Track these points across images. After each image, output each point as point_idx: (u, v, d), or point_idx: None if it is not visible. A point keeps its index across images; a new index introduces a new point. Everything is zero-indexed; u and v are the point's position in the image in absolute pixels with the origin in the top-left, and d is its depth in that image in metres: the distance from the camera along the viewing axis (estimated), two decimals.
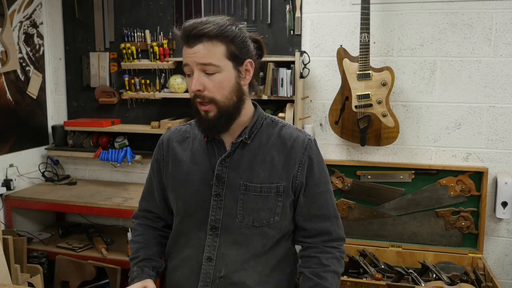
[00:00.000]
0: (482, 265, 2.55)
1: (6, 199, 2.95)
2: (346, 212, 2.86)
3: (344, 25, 2.81)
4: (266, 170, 1.22)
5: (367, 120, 2.64)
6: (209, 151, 1.25)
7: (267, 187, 1.21)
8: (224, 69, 1.17)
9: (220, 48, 1.15)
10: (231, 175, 1.22)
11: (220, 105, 1.17)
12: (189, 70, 1.18)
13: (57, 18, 3.32)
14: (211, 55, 1.14)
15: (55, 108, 3.42)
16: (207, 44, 1.14)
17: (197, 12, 3.01)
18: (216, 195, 1.22)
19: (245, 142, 1.24)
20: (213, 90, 1.16)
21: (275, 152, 1.23)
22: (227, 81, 1.17)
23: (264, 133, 1.26)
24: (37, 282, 2.50)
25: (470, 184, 2.69)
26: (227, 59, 1.17)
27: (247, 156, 1.23)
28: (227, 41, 1.16)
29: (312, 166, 1.24)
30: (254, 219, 1.21)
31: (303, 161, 1.23)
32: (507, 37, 2.61)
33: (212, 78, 1.16)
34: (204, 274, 1.23)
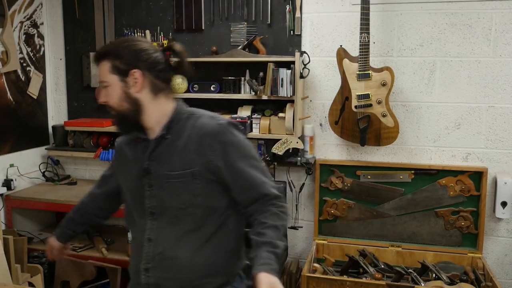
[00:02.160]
0: (482, 265, 2.56)
1: (6, 199, 2.95)
2: (346, 212, 2.87)
3: (344, 25, 2.81)
4: (182, 158, 1.38)
5: (367, 120, 2.64)
6: (141, 149, 1.45)
7: (183, 173, 1.37)
8: (110, 83, 1.39)
9: (106, 65, 1.38)
10: (157, 168, 1.40)
11: (116, 110, 1.41)
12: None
13: (57, 18, 3.32)
14: (102, 73, 1.40)
15: (56, 108, 3.42)
16: (102, 64, 1.39)
17: (197, 12, 3.02)
18: (148, 186, 1.42)
19: (164, 137, 1.41)
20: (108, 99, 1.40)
21: (190, 141, 1.38)
22: (113, 91, 1.39)
23: (182, 127, 1.42)
24: (37, 282, 2.51)
25: (469, 184, 2.69)
26: (111, 73, 1.38)
27: (167, 149, 1.41)
28: (111, 58, 1.38)
29: (225, 148, 1.37)
30: (179, 202, 1.38)
31: (214, 146, 1.37)
32: (507, 37, 2.62)
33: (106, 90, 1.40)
34: (145, 253, 1.41)
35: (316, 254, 2.81)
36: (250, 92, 2.85)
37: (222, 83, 2.94)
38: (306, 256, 3.03)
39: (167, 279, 1.40)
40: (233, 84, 2.90)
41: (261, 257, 1.27)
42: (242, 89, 2.92)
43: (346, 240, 2.85)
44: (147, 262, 1.41)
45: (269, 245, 1.29)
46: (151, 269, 1.40)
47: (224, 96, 2.90)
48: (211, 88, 2.96)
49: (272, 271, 1.25)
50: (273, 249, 1.29)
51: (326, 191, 2.89)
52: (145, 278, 1.41)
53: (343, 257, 2.74)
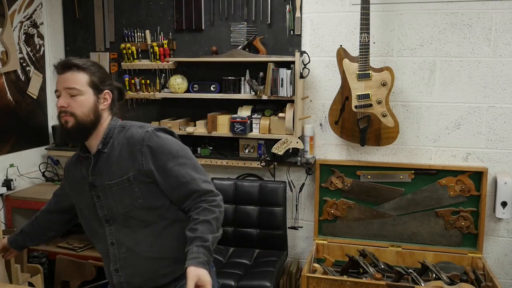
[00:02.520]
0: (482, 265, 2.56)
1: (6, 199, 2.95)
2: (346, 212, 2.86)
3: (344, 25, 2.81)
4: (118, 167, 1.51)
5: (367, 120, 2.64)
6: (85, 166, 1.57)
7: (120, 181, 1.51)
8: (84, 94, 1.50)
9: (84, 77, 1.51)
10: (99, 180, 1.54)
11: (78, 118, 1.49)
12: (58, 94, 1.52)
13: (57, 18, 3.32)
14: (77, 81, 1.49)
15: (56, 108, 3.41)
16: (74, 73, 1.50)
17: (197, 12, 3.01)
18: (97, 197, 1.55)
19: (101, 151, 1.54)
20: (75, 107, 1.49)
21: (123, 151, 1.52)
22: (86, 101, 1.51)
23: (115, 140, 1.55)
24: (37, 282, 2.51)
25: (469, 184, 2.69)
26: (88, 86, 1.51)
27: (105, 161, 1.54)
28: (89, 73, 1.52)
29: (153, 152, 1.50)
30: (124, 207, 1.51)
31: (144, 151, 1.50)
32: (507, 37, 2.62)
33: (75, 98, 1.50)
34: (112, 255, 1.57)
35: (316, 254, 2.81)
36: (250, 92, 2.85)
37: (222, 83, 2.94)
38: (306, 256, 3.03)
39: (135, 275, 1.55)
40: (233, 84, 2.91)
41: (191, 252, 1.38)
42: (242, 89, 2.92)
43: (346, 240, 2.85)
44: (115, 263, 1.56)
45: (198, 239, 1.40)
46: (120, 269, 1.56)
47: (224, 96, 2.90)
48: (211, 88, 2.96)
49: (200, 264, 1.35)
50: (202, 243, 1.40)
51: (326, 191, 2.89)
52: (116, 277, 1.57)
53: (343, 257, 2.74)
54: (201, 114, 3.04)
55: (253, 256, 2.77)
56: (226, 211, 2.93)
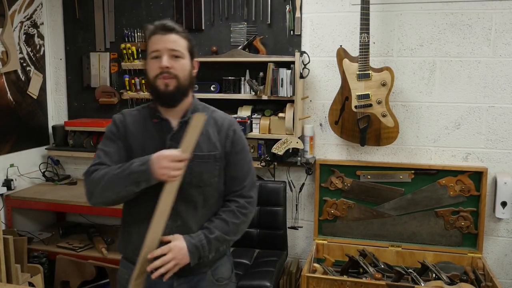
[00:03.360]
0: (482, 265, 2.56)
1: (6, 199, 2.95)
2: (346, 212, 2.86)
3: (344, 25, 2.81)
4: (205, 142, 1.53)
5: (367, 120, 2.64)
6: (158, 130, 1.54)
7: (207, 155, 1.52)
8: (186, 57, 1.51)
9: (184, 42, 1.51)
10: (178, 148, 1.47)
11: (180, 80, 1.48)
12: (158, 54, 1.47)
13: (57, 19, 3.33)
14: (180, 44, 1.49)
15: (56, 108, 3.42)
16: (177, 36, 1.49)
17: (197, 12, 3.02)
18: None
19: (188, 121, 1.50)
20: (178, 69, 1.48)
21: (210, 128, 1.55)
22: (187, 65, 1.51)
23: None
24: (37, 282, 2.51)
25: (469, 184, 2.70)
26: (187, 51, 1.52)
27: None
28: (188, 40, 1.53)
29: (234, 139, 1.57)
30: (199, 181, 1.51)
31: (229, 135, 1.57)
32: (507, 37, 2.62)
33: (178, 60, 1.49)
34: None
35: (316, 254, 2.81)
36: (250, 92, 2.85)
37: (222, 83, 2.94)
38: (306, 256, 3.03)
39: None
40: (233, 84, 2.91)
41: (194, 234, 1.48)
42: (242, 89, 2.92)
43: (346, 240, 2.85)
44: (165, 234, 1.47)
45: (207, 230, 1.49)
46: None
47: (224, 96, 2.90)
48: (211, 88, 2.97)
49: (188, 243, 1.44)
50: (208, 234, 1.48)
51: (326, 191, 2.89)
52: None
53: (343, 257, 2.74)
54: None
55: (253, 256, 2.77)
56: None
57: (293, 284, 2.81)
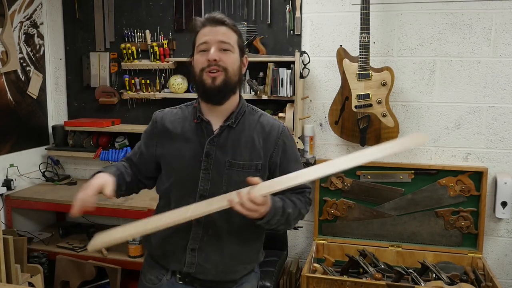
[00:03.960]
0: (482, 265, 2.56)
1: (6, 199, 2.95)
2: (346, 212, 2.86)
3: (344, 25, 2.81)
4: (248, 150, 1.44)
5: (367, 120, 2.64)
6: (198, 131, 1.46)
7: (248, 165, 1.43)
8: (235, 51, 1.42)
9: (234, 36, 1.43)
10: (218, 153, 1.43)
11: (228, 74, 1.39)
12: (206, 46, 1.39)
13: (57, 18, 3.32)
14: (230, 37, 1.41)
15: (56, 108, 3.42)
16: (227, 29, 1.42)
17: (197, 12, 3.01)
18: (204, 169, 1.43)
19: (231, 126, 1.45)
20: (227, 62, 1.39)
21: (256, 135, 1.46)
22: (236, 60, 1.43)
23: (246, 119, 1.48)
24: (37, 282, 2.51)
25: (469, 184, 2.69)
26: (236, 45, 1.43)
27: (232, 138, 1.44)
28: (238, 35, 1.45)
29: (285, 148, 1.49)
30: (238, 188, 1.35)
31: (278, 144, 1.47)
32: (507, 37, 2.62)
33: (227, 53, 1.40)
34: (194, 234, 1.44)
35: (316, 254, 2.81)
36: (250, 92, 2.85)
37: None
38: (306, 256, 3.03)
39: (210, 261, 1.44)
40: None
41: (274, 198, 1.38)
42: (242, 89, 2.92)
43: (346, 240, 2.85)
44: (195, 242, 1.43)
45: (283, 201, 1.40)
46: (198, 250, 1.44)
47: None
48: None
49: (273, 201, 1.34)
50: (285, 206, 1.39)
51: (326, 191, 2.89)
52: (190, 257, 1.44)
53: (343, 257, 2.74)
54: None
55: None
56: None
57: (293, 284, 2.81)
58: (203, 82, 1.39)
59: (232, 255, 1.46)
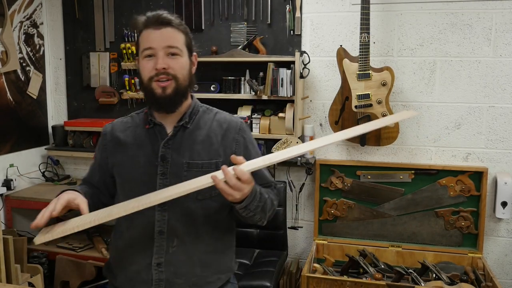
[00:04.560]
0: (482, 265, 2.56)
1: (6, 199, 2.95)
2: (346, 212, 2.86)
3: (344, 25, 2.81)
4: (205, 149, 1.37)
5: (367, 120, 2.64)
6: (151, 136, 1.39)
7: (207, 164, 1.35)
8: (184, 54, 1.34)
9: (182, 36, 1.34)
10: (174, 156, 1.35)
11: (178, 82, 1.32)
12: (152, 52, 1.31)
13: (57, 18, 3.32)
14: (177, 39, 1.33)
15: (55, 108, 3.42)
16: (174, 30, 1.33)
17: (197, 12, 3.01)
18: (161, 174, 1.34)
19: (185, 126, 1.38)
20: (176, 68, 1.32)
21: (213, 133, 1.39)
22: (186, 64, 1.35)
23: (201, 118, 1.42)
24: (37, 282, 2.51)
25: (470, 184, 2.69)
26: (185, 47, 1.35)
27: (188, 138, 1.37)
28: (185, 33, 1.36)
29: (246, 145, 1.43)
30: (198, 193, 1.28)
31: (238, 141, 1.41)
32: (507, 37, 2.62)
33: (175, 59, 1.32)
34: (157, 247, 1.33)
35: (316, 254, 2.81)
36: (250, 92, 2.85)
37: (222, 83, 2.94)
38: (306, 256, 3.03)
39: (180, 275, 1.34)
40: (233, 84, 2.90)
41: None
42: (242, 89, 2.92)
43: (346, 240, 2.85)
44: (160, 256, 1.33)
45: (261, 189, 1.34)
46: (164, 264, 1.33)
47: (224, 96, 2.90)
48: (211, 88, 2.96)
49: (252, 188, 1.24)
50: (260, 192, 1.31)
51: (326, 191, 2.88)
52: (157, 273, 1.33)
53: (343, 257, 2.74)
54: None
55: (253, 256, 2.77)
56: None
57: (293, 284, 2.81)
58: (152, 91, 1.32)
59: (202, 264, 1.36)
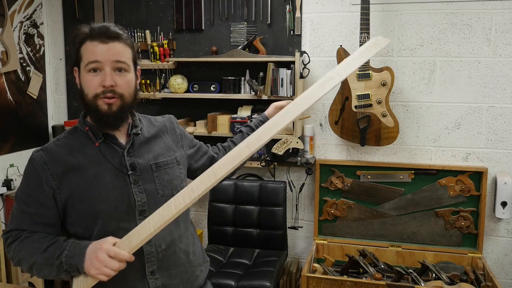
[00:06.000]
0: (482, 265, 2.56)
1: (6, 199, 2.95)
2: (346, 212, 2.86)
3: (344, 25, 2.81)
4: (163, 147, 1.41)
5: (367, 120, 2.64)
6: (105, 151, 1.31)
7: (170, 160, 1.40)
8: (131, 69, 1.30)
9: (130, 51, 1.30)
10: (139, 161, 1.34)
11: (125, 100, 1.28)
12: (98, 66, 1.24)
13: (57, 18, 3.33)
14: (125, 55, 1.27)
15: (56, 108, 3.42)
16: (122, 45, 1.27)
17: (197, 12, 3.02)
18: (134, 183, 1.31)
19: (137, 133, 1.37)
20: (123, 86, 1.27)
21: (160, 133, 1.44)
22: (132, 80, 1.31)
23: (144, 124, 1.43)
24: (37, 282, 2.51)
25: (469, 184, 2.69)
26: (132, 62, 1.31)
27: (143, 143, 1.38)
28: (131, 47, 1.31)
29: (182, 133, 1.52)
30: (172, 188, 1.35)
31: (180, 133, 1.51)
32: (507, 37, 2.62)
33: (123, 75, 1.27)
34: (147, 255, 1.31)
35: (316, 254, 2.81)
36: (250, 92, 2.85)
37: (222, 83, 2.94)
38: (306, 256, 3.03)
39: (174, 276, 1.35)
40: (233, 84, 2.91)
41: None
42: (242, 89, 2.92)
43: (346, 240, 2.85)
44: (152, 264, 1.31)
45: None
46: (157, 270, 1.32)
47: (224, 96, 2.90)
48: (211, 88, 2.97)
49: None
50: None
51: (326, 191, 2.89)
52: (153, 281, 1.31)
53: (343, 257, 2.74)
54: (201, 114, 3.04)
55: (253, 256, 2.77)
56: (226, 211, 2.93)
57: (293, 284, 2.81)
58: (97, 108, 1.25)
59: (188, 259, 1.39)
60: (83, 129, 1.32)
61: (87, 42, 1.25)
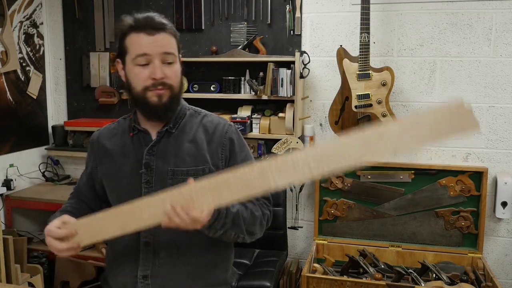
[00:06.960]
0: (482, 265, 2.56)
1: (6, 199, 2.95)
2: (346, 212, 2.86)
3: (344, 25, 2.81)
4: (192, 155, 1.28)
5: (367, 120, 2.64)
6: (135, 144, 1.31)
7: (193, 170, 1.27)
8: (177, 60, 1.28)
9: (175, 41, 1.27)
10: (159, 163, 1.28)
11: (174, 91, 1.26)
12: (147, 59, 1.22)
13: (57, 18, 3.32)
14: (172, 45, 1.25)
15: (55, 108, 3.42)
16: (167, 35, 1.24)
17: (197, 12, 3.01)
18: (146, 183, 1.28)
19: (170, 131, 1.30)
20: (172, 77, 1.24)
21: (199, 138, 1.31)
22: (179, 70, 1.28)
23: (187, 122, 1.33)
24: (37, 282, 2.51)
25: (470, 184, 2.69)
26: (177, 51, 1.28)
27: (173, 144, 1.30)
28: (175, 36, 1.28)
29: (233, 147, 1.33)
30: None
31: (225, 143, 1.32)
32: (507, 37, 2.62)
33: (171, 67, 1.24)
34: (143, 259, 1.27)
35: (316, 254, 2.81)
36: (250, 92, 2.85)
37: (222, 83, 2.94)
38: (306, 256, 3.03)
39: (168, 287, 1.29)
40: (233, 84, 2.90)
41: None
42: (242, 89, 2.92)
43: (346, 240, 2.85)
44: (146, 268, 1.27)
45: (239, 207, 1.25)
46: (151, 276, 1.27)
47: (224, 96, 2.90)
48: (211, 88, 2.96)
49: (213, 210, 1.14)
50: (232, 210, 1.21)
51: (326, 191, 2.88)
52: (143, 286, 1.27)
53: (343, 257, 2.74)
54: None
55: (253, 256, 2.77)
56: None
57: (293, 284, 2.81)
58: (147, 100, 1.23)
59: (191, 277, 1.29)
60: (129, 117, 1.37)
61: (132, 34, 1.25)
